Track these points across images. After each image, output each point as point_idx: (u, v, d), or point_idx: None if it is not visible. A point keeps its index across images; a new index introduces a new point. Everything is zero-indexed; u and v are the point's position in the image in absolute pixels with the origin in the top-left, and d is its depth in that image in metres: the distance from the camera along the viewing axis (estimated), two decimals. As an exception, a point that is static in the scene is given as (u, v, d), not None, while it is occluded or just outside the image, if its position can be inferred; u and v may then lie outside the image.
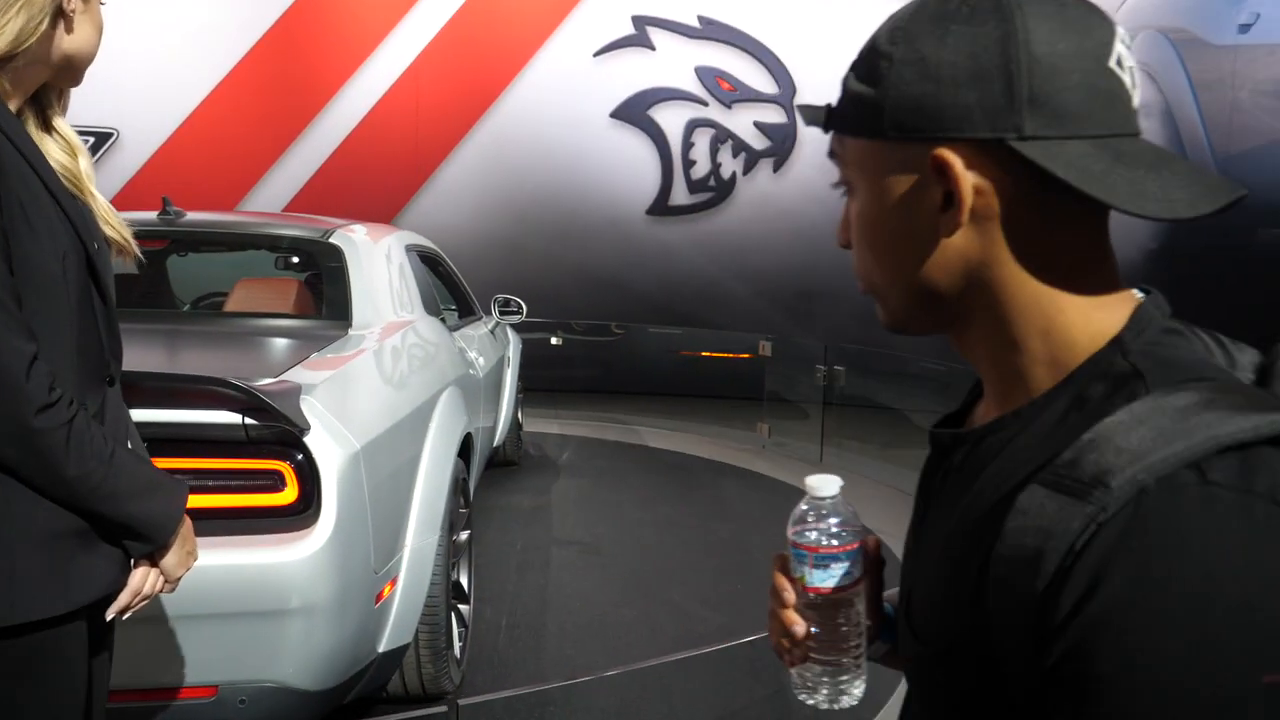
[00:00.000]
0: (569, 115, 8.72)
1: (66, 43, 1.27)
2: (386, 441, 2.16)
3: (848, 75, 0.67)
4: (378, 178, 8.66)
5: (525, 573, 3.93)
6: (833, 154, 0.70)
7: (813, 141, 8.72)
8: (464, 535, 3.08)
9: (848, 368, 6.36)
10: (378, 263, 3.21)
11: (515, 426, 5.59)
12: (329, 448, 1.86)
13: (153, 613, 1.78)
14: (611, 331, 8.85)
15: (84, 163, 1.36)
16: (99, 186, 1.37)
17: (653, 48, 8.79)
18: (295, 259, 3.43)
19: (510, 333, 5.61)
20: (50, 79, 1.31)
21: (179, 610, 1.80)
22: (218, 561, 1.76)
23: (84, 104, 6.64)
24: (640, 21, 8.79)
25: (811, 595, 0.75)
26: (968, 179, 0.61)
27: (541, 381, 7.14)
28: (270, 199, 8.56)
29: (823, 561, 0.75)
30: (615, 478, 5.65)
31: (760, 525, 4.71)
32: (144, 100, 8.28)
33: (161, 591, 1.37)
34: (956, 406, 0.77)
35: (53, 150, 1.32)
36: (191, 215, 3.39)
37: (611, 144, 8.78)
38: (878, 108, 0.63)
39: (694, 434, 7.00)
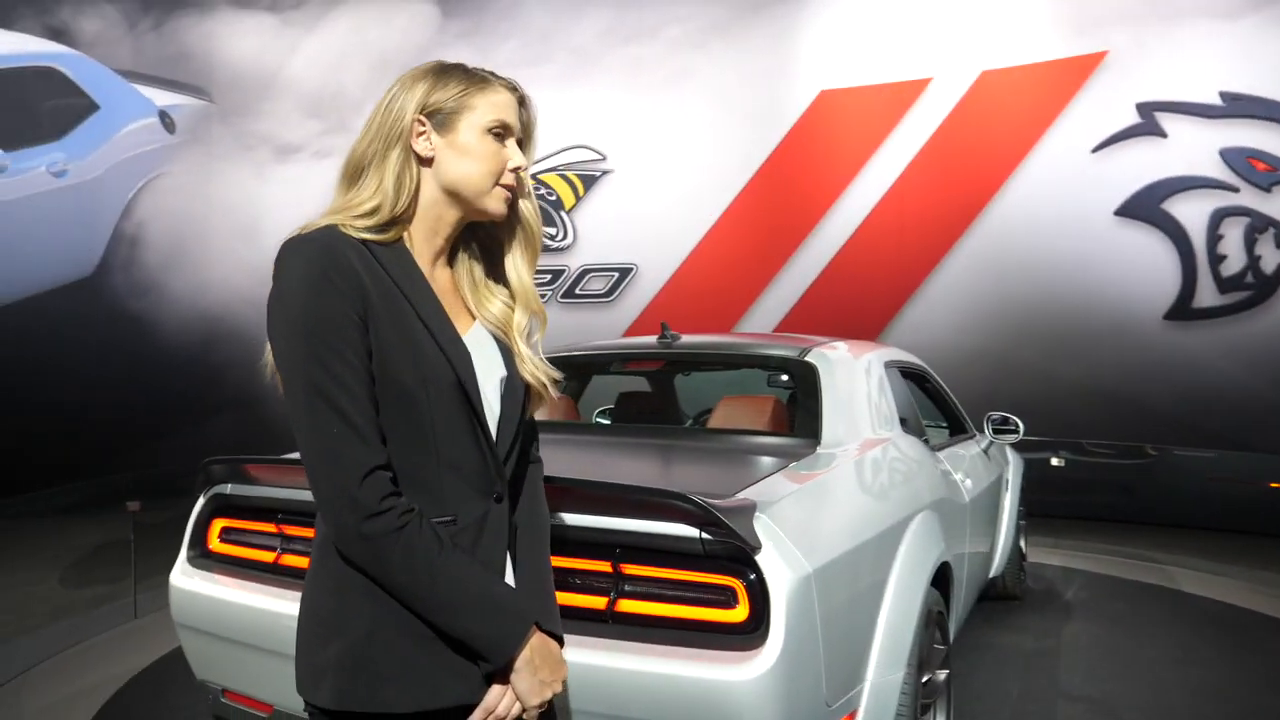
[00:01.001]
0: (1066, 217, 8.10)
1: (441, 178, 1.38)
2: (844, 565, 2.04)
3: None
4: (864, 294, 8.77)
5: (1019, 727, 3.47)
6: None
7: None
8: (941, 675, 2.79)
9: None
10: (854, 380, 3.13)
11: (1017, 556, 5.04)
12: (779, 568, 1.79)
13: (595, 709, 1.82)
14: (1144, 453, 7.75)
15: (519, 317, 1.45)
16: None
17: (1164, 135, 7.88)
18: (775, 377, 3.49)
19: (1011, 453, 5.14)
20: (465, 216, 1.41)
21: (620, 710, 1.83)
22: (664, 670, 1.77)
23: (611, 244, 7.62)
24: (1148, 108, 7.95)
25: None
26: None
27: (1039, 506, 6.49)
28: (764, 319, 9.08)
29: None
30: (1136, 625, 4.82)
31: (1345, 711, 3.65)
32: (659, 238, 9.37)
33: (522, 716, 1.35)
34: None
35: (488, 297, 1.45)
36: (686, 338, 3.65)
37: (1117, 244, 7.95)
38: None
39: (1243, 580, 5.78)
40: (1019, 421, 4.64)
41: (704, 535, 1.81)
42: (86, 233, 9.07)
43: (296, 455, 2.80)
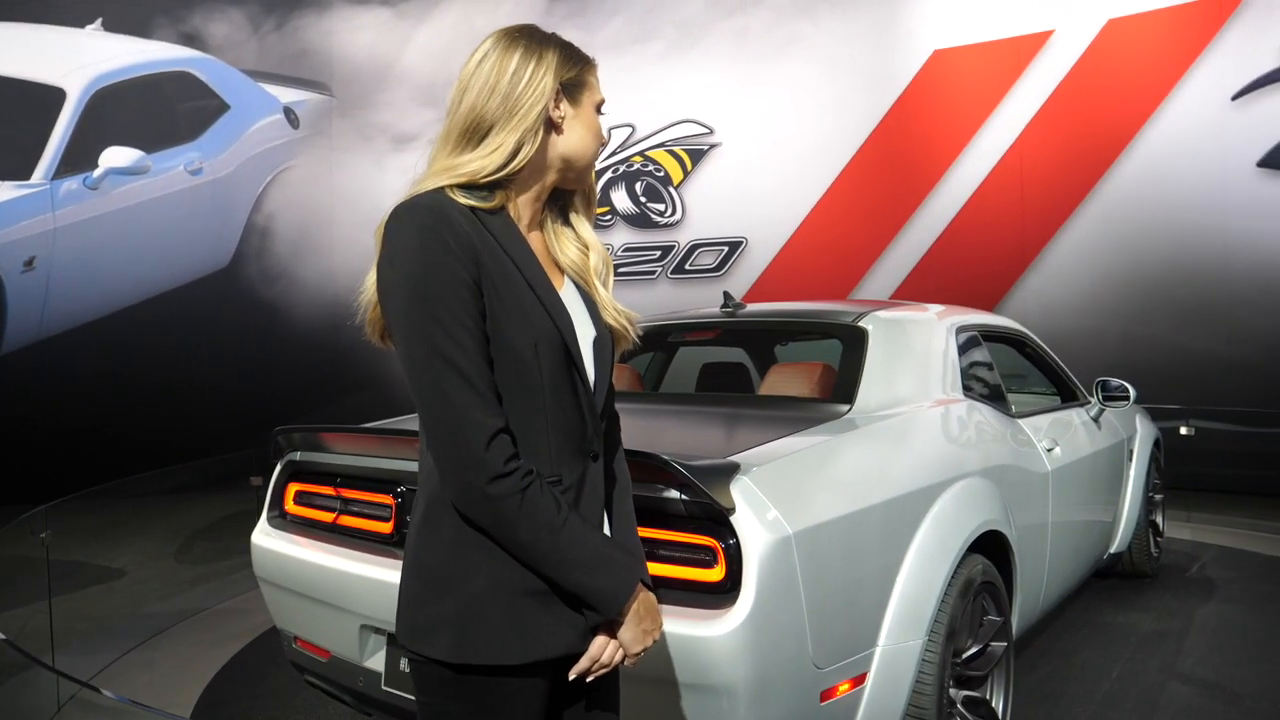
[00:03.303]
0: (1202, 171, 7.55)
1: (560, 147, 1.42)
2: (842, 528, 2.01)
3: None
4: (981, 262, 8.44)
5: (1112, 708, 3.28)
6: None
7: None
8: (997, 647, 2.71)
9: None
10: (908, 346, 3.06)
11: (1147, 531, 4.74)
12: (754, 529, 1.79)
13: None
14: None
15: (594, 259, 1.48)
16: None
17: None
18: (829, 343, 3.43)
19: (1141, 422, 4.85)
20: (559, 182, 1.45)
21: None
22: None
23: (720, 218, 7.51)
24: (1296, 51, 7.31)
25: None
26: None
27: (1169, 478, 6.10)
28: (876, 290, 8.87)
29: None
30: (1277, 609, 4.44)
31: None
32: (768, 210, 9.27)
33: (623, 663, 1.39)
34: None
35: (567, 247, 1.48)
36: (751, 306, 3.64)
37: (1260, 199, 7.37)
38: None
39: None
40: (1127, 386, 4.36)
41: (683, 496, 1.84)
42: (222, 226, 9.71)
43: (353, 425, 2.98)
